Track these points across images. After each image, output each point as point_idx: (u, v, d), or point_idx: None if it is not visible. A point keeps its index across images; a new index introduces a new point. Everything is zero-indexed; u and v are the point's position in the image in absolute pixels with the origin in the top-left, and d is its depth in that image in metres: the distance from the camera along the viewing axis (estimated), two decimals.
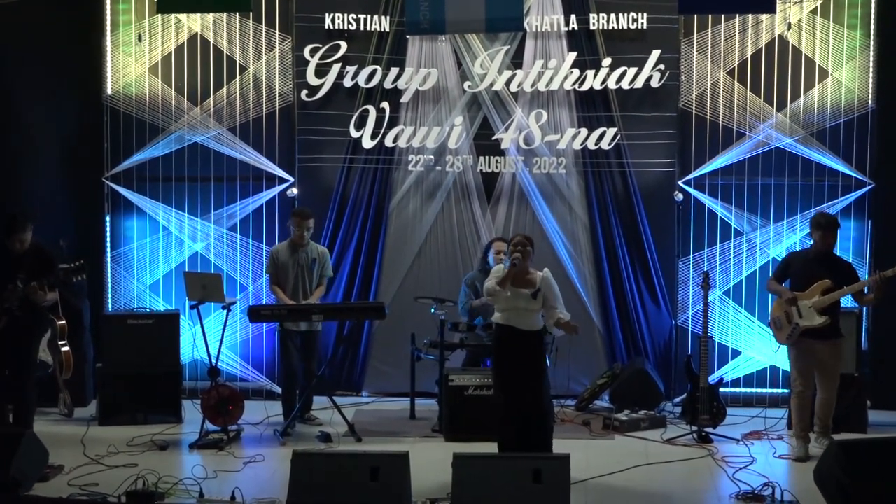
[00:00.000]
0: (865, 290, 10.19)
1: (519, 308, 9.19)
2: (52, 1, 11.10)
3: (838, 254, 10.52)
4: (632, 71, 12.10)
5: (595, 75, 12.15)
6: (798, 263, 10.38)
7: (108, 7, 12.40)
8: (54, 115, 12.31)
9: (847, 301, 10.60)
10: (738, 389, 12.14)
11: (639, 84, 12.12)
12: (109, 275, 12.54)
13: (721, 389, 11.08)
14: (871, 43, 12.01)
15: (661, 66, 12.07)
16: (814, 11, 12.02)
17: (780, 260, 10.96)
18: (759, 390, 12.18)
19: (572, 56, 12.18)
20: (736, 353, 12.29)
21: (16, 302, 9.67)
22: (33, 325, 10.05)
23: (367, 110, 12.29)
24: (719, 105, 12.16)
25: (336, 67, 12.25)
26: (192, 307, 11.21)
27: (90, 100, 12.44)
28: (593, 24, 12.14)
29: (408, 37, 12.03)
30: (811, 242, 10.30)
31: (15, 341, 9.85)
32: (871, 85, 12.05)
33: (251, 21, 12.32)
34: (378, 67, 12.27)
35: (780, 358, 11.52)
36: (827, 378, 10.23)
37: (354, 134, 12.31)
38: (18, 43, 11.85)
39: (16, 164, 12.10)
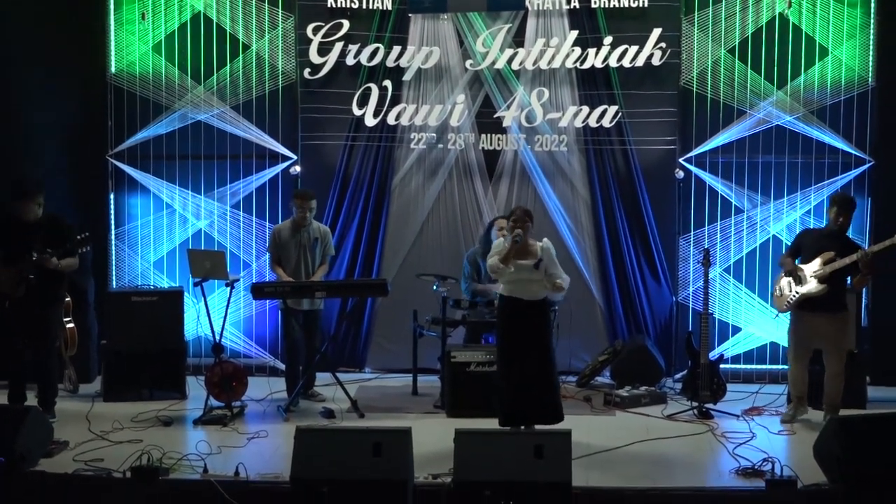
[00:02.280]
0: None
1: (522, 280, 9.37)
2: None
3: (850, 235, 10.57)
4: (633, 49, 12.06)
5: (596, 53, 12.11)
6: (810, 239, 10.47)
7: None
8: (57, 94, 12.24)
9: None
10: (738, 366, 12.13)
11: (640, 62, 12.09)
12: (114, 252, 12.53)
13: (721, 366, 11.10)
14: (872, 21, 11.96)
15: (662, 45, 12.04)
16: None
17: (793, 237, 10.97)
18: (759, 366, 12.17)
19: (574, 34, 12.13)
20: (736, 330, 12.29)
21: (33, 272, 9.71)
22: (52, 294, 10.10)
23: (369, 88, 12.26)
24: (720, 83, 12.12)
25: (339, 46, 12.21)
26: (196, 284, 11.17)
27: (94, 78, 12.39)
28: (595, 2, 12.09)
29: (410, 15, 11.99)
30: (825, 221, 10.38)
31: (35, 313, 9.97)
32: (871, 63, 12.01)
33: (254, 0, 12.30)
34: (380, 46, 12.23)
35: (779, 334, 11.54)
36: (833, 353, 10.26)
37: (357, 112, 12.29)
38: (21, 21, 11.80)
39: (19, 142, 12.07)
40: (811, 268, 10.18)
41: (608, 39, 12.09)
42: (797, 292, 10.23)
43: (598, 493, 8.38)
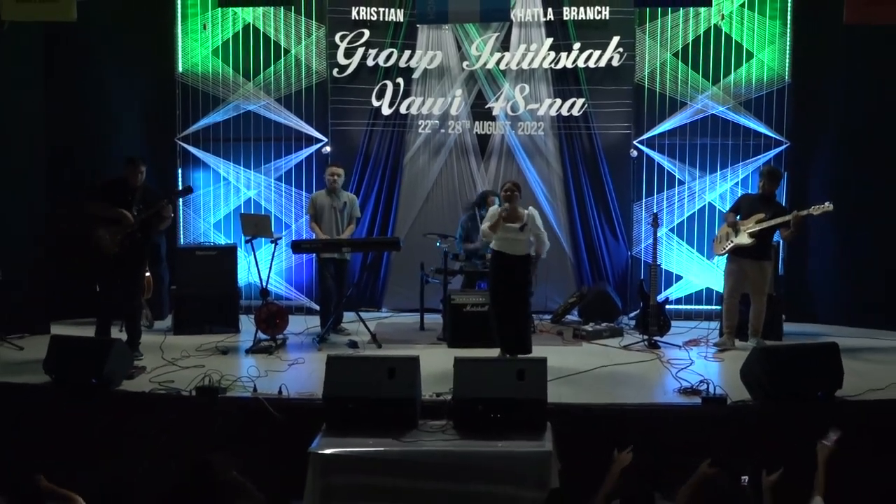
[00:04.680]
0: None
1: (509, 238, 9.41)
2: None
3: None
4: (597, 53, 11.98)
5: (567, 56, 12.03)
6: (746, 202, 10.48)
7: (178, 2, 12.30)
8: (137, 89, 12.20)
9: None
10: (680, 306, 12.11)
11: (602, 63, 12.01)
12: (181, 216, 12.47)
13: (667, 306, 11.05)
14: (788, 30, 11.93)
15: (620, 49, 11.96)
16: (742, 5, 11.94)
17: (729, 202, 11.19)
18: (696, 307, 12.16)
19: (549, 41, 12.06)
20: (678, 278, 12.28)
21: (137, 227, 9.75)
22: (141, 253, 10.10)
23: (385, 84, 12.19)
24: (666, 80, 12.06)
25: (360, 50, 12.13)
26: (246, 241, 11.15)
27: (165, 77, 12.32)
28: (566, 15, 12.01)
29: (418, 25, 11.88)
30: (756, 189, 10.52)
31: (129, 268, 9.93)
32: (787, 64, 11.97)
33: (293, 13, 12.19)
34: (394, 50, 12.14)
35: (713, 281, 11.56)
36: (757, 291, 10.32)
37: (375, 103, 12.21)
38: (108, 31, 11.69)
39: (106, 128, 12.00)
40: (747, 224, 10.20)
41: (577, 45, 12.00)
42: (732, 241, 10.28)
43: (567, 408, 8.36)
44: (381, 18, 12.18)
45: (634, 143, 12.14)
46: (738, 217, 10.38)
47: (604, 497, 6.16)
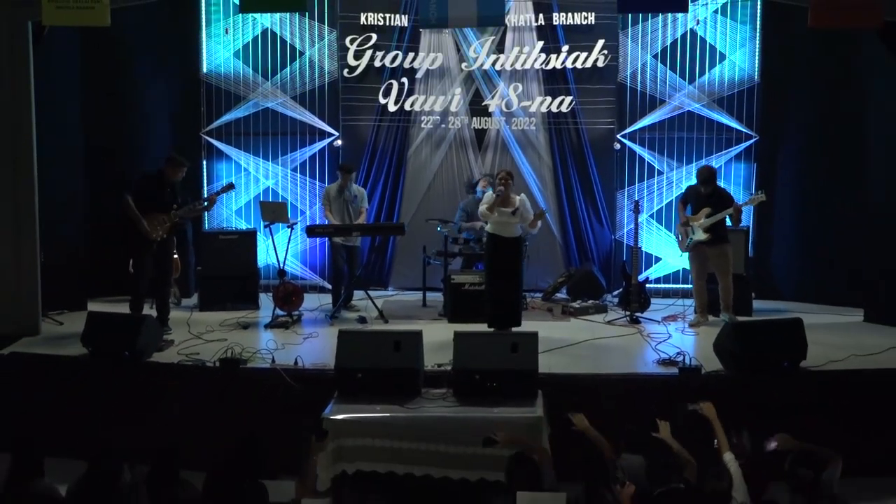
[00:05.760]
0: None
1: (503, 222, 9.53)
2: (163, 4, 10.97)
3: (723, 186, 10.74)
4: (583, 54, 11.90)
5: (557, 58, 11.94)
6: (693, 194, 10.46)
7: (203, 8, 12.20)
8: (165, 89, 12.14)
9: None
10: (658, 285, 12.04)
11: (588, 64, 11.93)
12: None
13: (647, 285, 11.04)
14: (757, 34, 11.85)
15: (605, 51, 11.87)
16: (716, 11, 11.85)
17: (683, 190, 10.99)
18: (674, 286, 12.09)
19: (540, 44, 11.97)
20: (657, 259, 12.23)
21: (181, 218, 9.97)
22: (174, 240, 10.20)
23: (391, 83, 12.11)
24: (647, 79, 11.98)
25: (369, 52, 12.05)
26: (265, 226, 11.17)
27: (190, 76, 12.25)
28: (556, 20, 11.93)
29: (420, 29, 11.80)
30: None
31: (165, 252, 10.00)
32: (756, 65, 11.89)
33: (307, 19, 12.11)
34: (399, 52, 12.05)
35: (687, 262, 11.55)
36: (721, 272, 10.29)
37: (382, 101, 12.13)
38: (139, 35, 11.63)
39: (138, 124, 11.96)
40: (698, 220, 10.21)
41: (565, 48, 11.92)
42: (692, 238, 10.27)
43: (556, 377, 8.36)
44: (388, 23, 12.10)
45: (618, 136, 12.08)
46: (689, 208, 10.38)
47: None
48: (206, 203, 10.26)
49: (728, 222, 10.33)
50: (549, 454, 6.80)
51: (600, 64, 11.92)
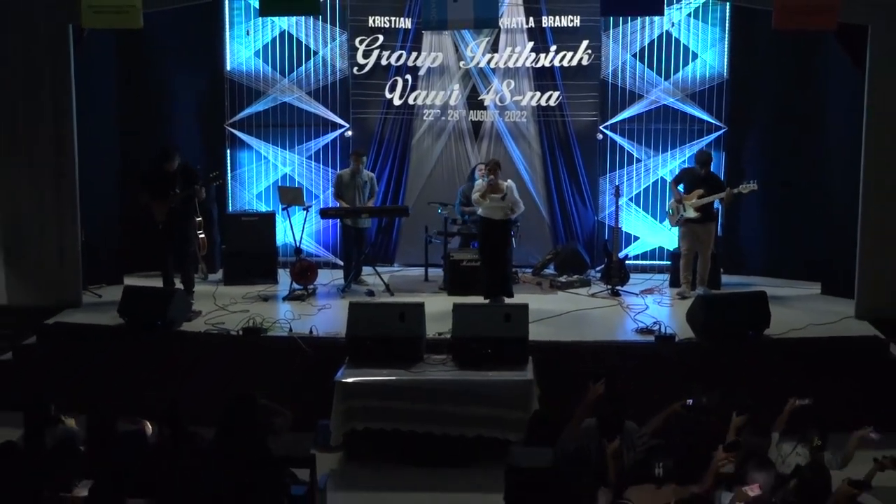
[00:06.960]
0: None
1: (494, 206, 9.62)
2: (190, 8, 10.90)
3: (714, 171, 10.83)
4: (570, 54, 11.79)
5: (545, 56, 11.84)
6: (688, 176, 10.55)
7: (227, 12, 12.09)
8: (192, 84, 12.08)
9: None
10: (637, 262, 11.97)
11: (574, 62, 11.81)
12: (230, 188, 12.36)
13: (626, 262, 11.03)
14: (726, 35, 11.76)
15: (589, 51, 11.77)
16: (689, 14, 11.75)
17: (676, 172, 11.17)
18: (650, 262, 12.05)
19: (531, 44, 11.86)
20: (636, 238, 12.17)
21: (178, 202, 9.88)
22: (185, 218, 10.16)
23: (396, 80, 12.00)
24: (627, 76, 11.90)
25: (376, 52, 11.95)
26: (283, 209, 11.22)
27: (216, 74, 12.14)
28: (545, 22, 11.82)
29: (422, 31, 11.71)
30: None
31: (179, 229, 10.01)
32: (725, 63, 11.79)
33: (321, 21, 12.01)
34: (403, 52, 11.96)
35: (664, 241, 11.56)
36: (703, 248, 10.39)
37: (388, 96, 12.03)
38: (169, 37, 11.57)
39: (167, 118, 11.95)
40: (690, 199, 10.23)
41: (553, 47, 11.81)
42: (682, 214, 10.33)
43: (545, 344, 8.39)
44: (393, 26, 12.01)
45: (600, 128, 12.00)
46: (682, 188, 10.43)
47: (577, 420, 6.14)
48: (198, 188, 10.13)
49: (717, 204, 10.46)
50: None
51: (585, 62, 11.83)
